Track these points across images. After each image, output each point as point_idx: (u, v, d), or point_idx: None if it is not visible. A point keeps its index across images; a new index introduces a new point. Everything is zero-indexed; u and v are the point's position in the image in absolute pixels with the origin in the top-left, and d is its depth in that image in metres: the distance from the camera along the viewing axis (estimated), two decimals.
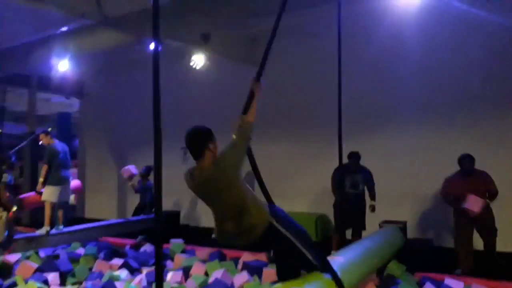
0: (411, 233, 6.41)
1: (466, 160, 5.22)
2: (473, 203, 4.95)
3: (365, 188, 5.99)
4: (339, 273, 3.03)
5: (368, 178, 5.99)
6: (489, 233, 5.17)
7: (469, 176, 5.20)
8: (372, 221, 5.90)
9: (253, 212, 2.75)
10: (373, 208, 5.84)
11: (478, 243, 5.37)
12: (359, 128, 7.07)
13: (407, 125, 7.11)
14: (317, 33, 7.46)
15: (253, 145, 2.96)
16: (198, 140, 2.79)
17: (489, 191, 5.14)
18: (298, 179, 8.09)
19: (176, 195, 9.14)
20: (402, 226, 5.73)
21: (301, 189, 8.00)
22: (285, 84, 8.16)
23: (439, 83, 6.81)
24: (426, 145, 6.82)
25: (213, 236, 2.99)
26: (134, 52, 8.11)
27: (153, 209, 3.45)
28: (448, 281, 4.59)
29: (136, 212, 7.87)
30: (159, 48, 2.95)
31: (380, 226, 5.54)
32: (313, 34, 7.62)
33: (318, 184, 7.49)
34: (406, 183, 6.84)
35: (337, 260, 3.36)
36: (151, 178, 6.83)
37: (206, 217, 9.06)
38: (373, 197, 5.91)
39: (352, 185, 5.95)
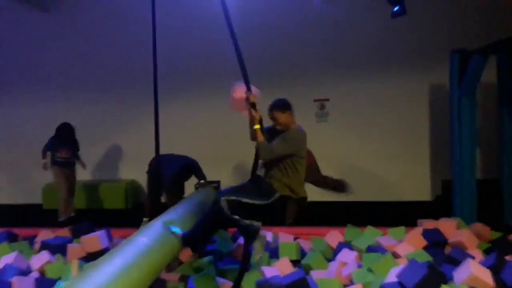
0: None
1: None
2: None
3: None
4: (157, 240, 3.12)
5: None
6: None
7: None
8: (189, 183, 5.79)
9: None
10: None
11: None
12: (175, 92, 6.84)
13: (221, 89, 7.21)
14: None
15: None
16: None
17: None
18: (111, 145, 7.43)
19: None
20: (216, 185, 5.81)
21: (114, 155, 7.39)
22: (100, 41, 7.32)
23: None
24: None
25: None
26: None
27: None
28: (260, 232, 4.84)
29: None
30: None
31: (196, 187, 5.50)
32: None
33: (133, 150, 7.05)
34: (221, 145, 7.01)
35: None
36: None
37: None
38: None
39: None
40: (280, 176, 3.40)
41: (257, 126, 3.33)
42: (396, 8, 5.48)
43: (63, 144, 6.26)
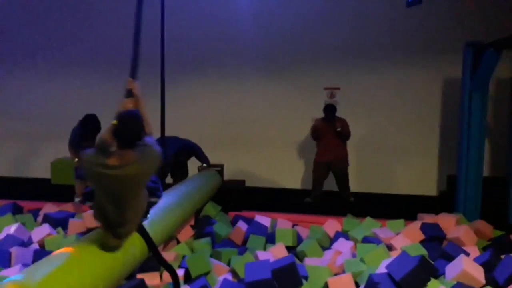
0: (228, 176, 6.58)
1: (328, 109, 5.97)
2: None
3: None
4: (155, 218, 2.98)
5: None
6: (341, 176, 6.06)
7: (330, 122, 5.93)
8: (193, 166, 5.81)
9: None
10: None
11: None
12: (180, 75, 6.84)
13: (226, 73, 7.19)
14: None
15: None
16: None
17: (342, 133, 5.93)
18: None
19: None
20: (220, 169, 5.85)
21: None
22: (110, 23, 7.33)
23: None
24: (242, 95, 7.04)
25: None
26: None
27: None
28: (258, 218, 4.86)
29: None
30: None
31: (199, 169, 5.53)
32: None
33: None
34: (225, 128, 7.04)
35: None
36: None
37: None
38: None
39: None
40: None
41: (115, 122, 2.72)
42: None
43: (90, 138, 5.74)
